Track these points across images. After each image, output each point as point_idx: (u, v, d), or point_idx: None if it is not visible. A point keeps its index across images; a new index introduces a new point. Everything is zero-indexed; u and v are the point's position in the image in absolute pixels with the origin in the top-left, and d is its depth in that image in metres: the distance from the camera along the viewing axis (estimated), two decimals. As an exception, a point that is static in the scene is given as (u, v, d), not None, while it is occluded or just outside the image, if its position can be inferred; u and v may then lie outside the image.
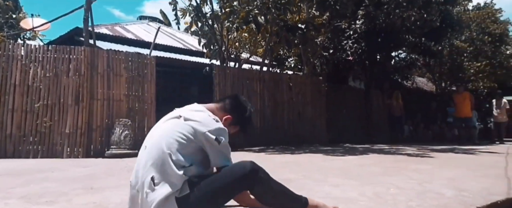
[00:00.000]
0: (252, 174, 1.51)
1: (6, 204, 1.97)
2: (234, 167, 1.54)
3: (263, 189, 1.55)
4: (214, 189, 1.46)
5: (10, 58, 5.31)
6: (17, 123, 5.21)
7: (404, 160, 4.52)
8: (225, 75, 7.47)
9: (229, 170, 1.52)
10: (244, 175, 1.50)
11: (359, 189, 2.37)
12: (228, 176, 1.50)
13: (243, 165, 1.54)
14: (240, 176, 1.50)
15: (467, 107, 9.86)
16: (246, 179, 1.51)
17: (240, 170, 1.51)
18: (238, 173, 1.50)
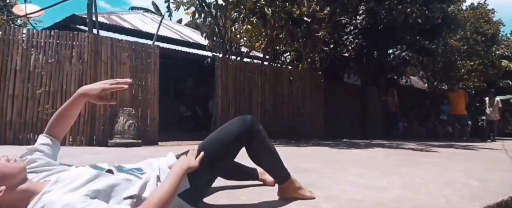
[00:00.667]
0: (252, 126, 1.49)
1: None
2: (232, 124, 1.50)
3: (260, 144, 1.53)
4: (216, 150, 1.42)
5: (11, 42, 5.15)
6: (18, 109, 5.07)
7: (411, 154, 4.57)
8: (227, 67, 7.42)
9: (228, 126, 1.49)
10: (245, 128, 1.47)
11: (385, 179, 2.38)
12: (229, 132, 1.46)
13: (243, 118, 1.51)
14: (242, 129, 1.46)
15: (462, 105, 10.07)
16: (247, 132, 1.47)
17: (241, 123, 1.48)
18: (239, 127, 1.47)
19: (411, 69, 14.65)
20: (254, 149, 1.53)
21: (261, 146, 1.54)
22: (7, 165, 1.15)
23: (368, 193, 1.89)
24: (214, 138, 1.47)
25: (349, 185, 2.10)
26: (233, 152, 1.48)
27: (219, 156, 1.43)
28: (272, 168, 1.62)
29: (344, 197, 1.77)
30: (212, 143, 1.45)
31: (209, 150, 1.41)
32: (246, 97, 7.79)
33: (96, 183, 1.19)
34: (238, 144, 1.48)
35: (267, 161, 1.59)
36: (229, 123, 1.52)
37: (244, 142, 1.49)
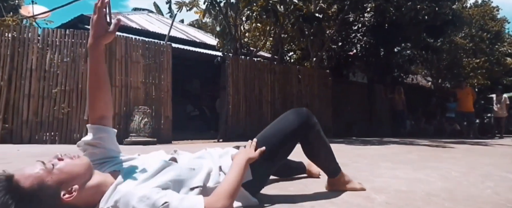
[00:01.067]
0: (310, 118, 1.48)
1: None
2: (289, 116, 1.48)
3: (316, 137, 1.51)
4: (274, 143, 1.41)
5: (26, 42, 5.15)
6: (34, 109, 5.07)
7: (429, 149, 4.57)
8: (238, 65, 7.42)
9: (284, 119, 1.47)
10: (303, 120, 1.45)
11: (420, 172, 2.37)
12: (286, 125, 1.45)
13: (299, 111, 1.50)
14: (300, 122, 1.44)
15: (469, 102, 10.08)
16: (305, 124, 1.45)
17: (298, 115, 1.47)
18: (296, 119, 1.45)
19: (416, 67, 14.64)
20: (310, 142, 1.52)
21: (318, 139, 1.53)
22: (74, 163, 1.13)
23: (413, 185, 1.88)
24: (271, 131, 1.47)
25: (389, 178, 2.10)
26: (290, 145, 1.47)
27: (277, 149, 1.42)
28: (326, 161, 1.61)
29: (390, 188, 1.77)
30: (269, 136, 1.44)
31: (267, 143, 1.41)
32: (256, 96, 7.79)
33: (165, 174, 1.19)
34: (296, 137, 1.46)
35: (322, 154, 1.58)
36: (285, 116, 1.51)
37: (301, 135, 1.48)
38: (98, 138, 1.28)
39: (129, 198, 1.06)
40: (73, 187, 1.08)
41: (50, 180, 1.05)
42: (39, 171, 1.05)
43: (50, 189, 1.04)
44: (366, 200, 1.48)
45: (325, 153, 1.58)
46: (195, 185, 1.22)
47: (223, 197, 1.15)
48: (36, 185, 1.02)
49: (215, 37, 7.61)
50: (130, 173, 1.18)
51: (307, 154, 1.57)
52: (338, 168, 1.64)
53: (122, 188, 1.11)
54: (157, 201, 1.05)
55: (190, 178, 1.23)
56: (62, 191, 1.06)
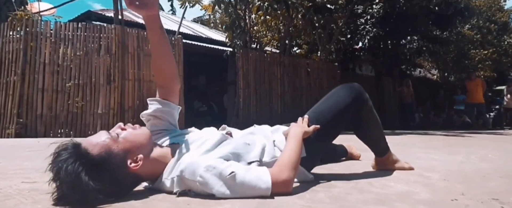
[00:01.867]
0: (362, 93, 1.43)
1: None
2: (341, 90, 1.43)
3: (369, 113, 1.46)
4: (328, 118, 1.36)
5: (39, 36, 5.11)
6: (48, 103, 5.03)
7: (449, 138, 4.52)
8: (248, 58, 7.35)
9: (337, 94, 1.43)
10: (356, 95, 1.40)
11: (458, 155, 2.33)
12: (339, 99, 1.40)
13: (351, 86, 1.45)
14: (353, 96, 1.40)
15: (479, 94, 10.00)
16: (357, 100, 1.40)
17: (351, 90, 1.42)
18: (350, 94, 1.40)
19: (423, 59, 14.52)
20: (363, 118, 1.46)
21: (370, 114, 1.48)
22: (136, 132, 1.13)
23: (458, 165, 1.84)
24: (323, 107, 1.42)
25: (431, 160, 2.05)
26: (343, 121, 1.42)
27: (330, 126, 1.38)
28: (377, 139, 1.55)
29: (439, 168, 1.72)
30: (322, 112, 1.40)
31: (320, 120, 1.36)
32: (266, 89, 7.73)
33: (224, 146, 1.17)
34: (349, 113, 1.40)
35: (374, 132, 1.52)
36: (336, 91, 1.46)
37: (354, 110, 1.41)
38: (160, 111, 1.32)
39: (195, 167, 1.05)
40: (138, 156, 1.08)
41: (116, 148, 1.05)
42: (105, 139, 1.05)
43: (117, 157, 1.04)
44: (421, 177, 1.44)
45: (376, 130, 1.52)
46: (252, 159, 1.19)
47: (286, 169, 1.11)
48: (104, 152, 1.02)
49: (224, 31, 7.54)
50: (191, 145, 1.17)
51: (358, 131, 1.52)
52: (387, 146, 1.59)
53: (185, 158, 1.10)
54: (224, 170, 1.04)
55: (246, 152, 1.21)
56: (128, 160, 1.06)
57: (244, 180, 1.04)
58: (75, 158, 0.97)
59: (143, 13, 1.19)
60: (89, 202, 0.95)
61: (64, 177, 0.94)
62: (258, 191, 1.04)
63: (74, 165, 0.95)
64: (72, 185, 0.94)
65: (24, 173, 1.52)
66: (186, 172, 1.05)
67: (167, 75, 1.33)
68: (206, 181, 1.03)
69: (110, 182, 1.00)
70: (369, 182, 1.32)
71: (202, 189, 1.05)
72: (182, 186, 1.08)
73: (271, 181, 1.05)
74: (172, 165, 1.12)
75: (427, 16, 8.81)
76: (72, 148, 1.00)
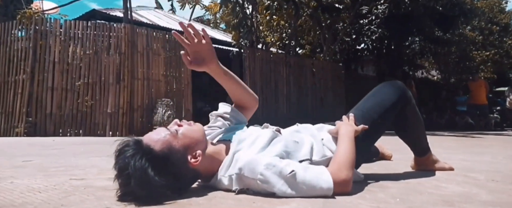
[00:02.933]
0: (406, 91, 1.42)
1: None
2: (385, 88, 1.43)
3: (413, 111, 1.44)
4: (375, 117, 1.35)
5: (49, 34, 5.07)
6: (57, 102, 5.00)
7: (462, 139, 4.53)
8: (255, 58, 7.34)
9: (381, 92, 1.42)
10: (401, 92, 1.39)
11: (483, 156, 2.32)
12: (385, 97, 1.39)
13: (394, 83, 1.44)
14: (399, 94, 1.38)
15: (483, 95, 10.01)
16: (402, 97, 1.39)
17: (396, 87, 1.41)
18: (395, 91, 1.39)
19: (425, 60, 14.55)
20: (408, 117, 1.44)
21: (415, 113, 1.46)
22: (192, 128, 1.12)
23: (493, 166, 1.83)
24: (368, 105, 1.40)
25: (461, 161, 2.04)
26: (389, 120, 1.39)
27: (377, 124, 1.36)
28: (420, 138, 1.53)
29: (478, 168, 1.71)
30: (368, 110, 1.38)
31: (367, 118, 1.35)
32: (272, 89, 7.72)
33: (277, 144, 1.16)
34: (394, 111, 1.38)
35: (417, 130, 1.50)
36: (380, 89, 1.44)
37: (399, 108, 1.39)
38: (231, 116, 1.35)
39: (254, 165, 1.04)
40: (197, 152, 1.07)
41: (177, 144, 1.04)
42: (166, 135, 1.04)
43: (179, 153, 1.04)
44: (468, 178, 1.43)
45: (419, 129, 1.51)
46: (303, 157, 1.18)
47: (345, 168, 1.10)
48: (166, 148, 1.01)
49: (231, 30, 7.52)
50: (242, 142, 1.16)
51: (402, 130, 1.50)
52: (428, 146, 1.58)
53: (242, 155, 1.08)
54: (284, 168, 1.02)
55: (296, 150, 1.19)
56: (188, 156, 1.06)
57: (304, 179, 1.02)
58: (141, 154, 0.96)
59: (205, 69, 1.24)
60: (156, 197, 0.95)
61: (133, 173, 0.93)
62: (319, 190, 1.03)
63: (141, 161, 0.95)
64: (141, 180, 0.93)
65: (65, 170, 1.49)
66: (245, 170, 1.04)
67: (246, 103, 1.40)
68: (267, 179, 1.02)
69: (174, 178, 1.00)
70: (419, 183, 1.30)
71: (262, 188, 1.03)
72: (241, 184, 1.06)
73: (332, 180, 1.04)
74: (228, 162, 1.10)
75: (432, 16, 8.83)
76: (135, 145, 0.99)
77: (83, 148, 2.80)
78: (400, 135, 1.52)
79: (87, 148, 2.75)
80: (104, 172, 1.46)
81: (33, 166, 1.63)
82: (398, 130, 1.50)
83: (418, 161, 1.61)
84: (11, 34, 5.20)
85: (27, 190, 1.09)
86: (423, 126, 1.53)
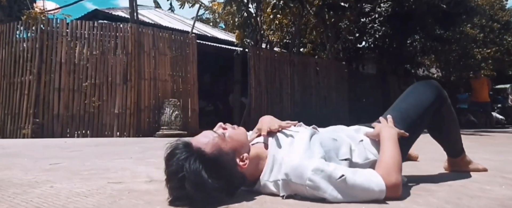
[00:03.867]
0: (442, 90, 1.41)
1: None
2: (421, 88, 1.43)
3: (449, 111, 1.44)
4: (414, 117, 1.35)
5: (55, 35, 5.03)
6: (65, 102, 4.96)
7: (472, 137, 4.53)
8: (259, 57, 7.31)
9: (417, 92, 1.42)
10: (438, 92, 1.39)
11: (506, 155, 2.32)
12: (422, 97, 1.38)
13: (430, 83, 1.45)
14: (436, 94, 1.38)
15: (485, 92, 10.05)
16: (439, 96, 1.39)
17: (432, 87, 1.41)
18: (431, 91, 1.39)
19: (427, 58, 14.57)
20: (444, 117, 1.43)
21: (450, 113, 1.45)
22: (238, 132, 1.10)
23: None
24: (406, 106, 1.39)
25: (485, 160, 2.03)
26: (427, 119, 1.39)
27: (416, 124, 1.35)
28: (456, 139, 1.52)
29: (509, 169, 1.71)
30: (406, 110, 1.37)
31: (405, 118, 1.34)
32: (277, 88, 7.70)
33: (316, 143, 1.13)
34: (432, 110, 1.37)
35: (453, 131, 1.49)
36: (415, 89, 1.43)
37: (436, 107, 1.38)
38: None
39: (302, 171, 1.02)
40: (244, 155, 1.07)
41: (225, 147, 1.04)
42: (214, 138, 1.04)
43: (228, 155, 1.03)
44: (506, 179, 1.42)
45: (455, 130, 1.50)
46: (342, 157, 1.17)
47: (394, 171, 1.08)
48: (216, 151, 1.01)
49: (235, 29, 7.49)
50: (282, 143, 1.14)
51: (437, 130, 1.49)
52: (462, 147, 1.56)
53: (286, 159, 1.06)
54: (333, 173, 1.00)
55: (335, 148, 1.18)
56: (237, 159, 1.05)
57: (355, 183, 1.01)
58: (195, 157, 0.95)
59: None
60: (211, 201, 0.94)
61: (188, 176, 0.92)
62: (372, 193, 1.01)
63: (195, 163, 0.94)
64: (196, 183, 0.92)
65: (98, 173, 1.47)
66: (292, 176, 1.02)
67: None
68: (317, 185, 1.00)
69: (226, 181, 0.98)
70: (462, 185, 1.29)
71: (311, 193, 1.01)
72: (288, 190, 1.04)
73: (384, 183, 1.02)
74: (270, 166, 1.09)
75: (435, 14, 8.82)
76: (186, 147, 0.98)
77: (100, 149, 2.77)
78: (435, 135, 1.51)
79: (104, 150, 2.73)
80: (138, 175, 1.44)
81: (64, 169, 1.61)
82: (433, 131, 1.49)
83: (452, 162, 1.59)
84: (16, 35, 5.15)
85: (72, 195, 1.07)
86: (458, 126, 1.52)
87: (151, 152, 2.52)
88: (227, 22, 8.73)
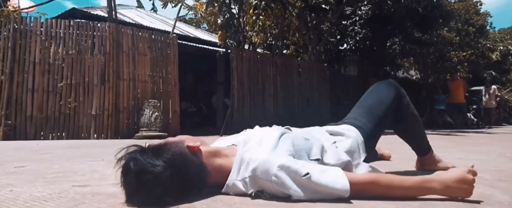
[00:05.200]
0: (400, 88, 1.46)
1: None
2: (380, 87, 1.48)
3: (408, 108, 1.48)
4: (379, 114, 1.39)
5: (28, 33, 4.86)
6: (38, 103, 4.80)
7: (446, 138, 4.64)
8: (242, 58, 7.29)
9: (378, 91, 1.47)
10: (396, 89, 1.44)
11: (478, 155, 2.37)
12: (383, 95, 1.43)
13: (388, 81, 1.50)
14: (395, 90, 1.43)
15: (461, 94, 10.38)
16: (399, 94, 1.43)
17: (390, 84, 1.46)
18: (391, 89, 1.44)
19: (406, 61, 14.91)
20: (404, 114, 1.46)
21: (411, 110, 1.49)
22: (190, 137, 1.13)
23: (491, 164, 1.87)
24: (369, 103, 1.43)
25: (458, 159, 2.07)
26: (390, 115, 1.42)
27: (381, 119, 1.39)
28: (419, 136, 1.56)
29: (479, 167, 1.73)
30: (370, 107, 1.41)
31: (370, 115, 1.38)
32: (260, 90, 7.70)
33: (286, 140, 1.12)
34: (393, 106, 1.41)
35: (416, 127, 1.53)
36: (375, 88, 1.48)
37: (396, 104, 1.42)
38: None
39: (268, 166, 1.00)
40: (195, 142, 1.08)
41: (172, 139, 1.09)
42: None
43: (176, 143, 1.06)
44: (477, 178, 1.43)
45: (418, 127, 1.54)
46: (314, 157, 1.15)
47: (373, 183, 1.03)
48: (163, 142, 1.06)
49: (217, 30, 7.45)
50: (250, 142, 1.13)
51: (400, 128, 1.53)
52: (429, 145, 1.60)
53: (254, 156, 1.04)
54: (299, 170, 0.99)
55: (307, 148, 1.16)
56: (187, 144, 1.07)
57: (320, 182, 0.99)
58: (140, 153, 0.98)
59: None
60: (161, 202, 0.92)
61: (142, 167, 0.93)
62: (335, 194, 0.99)
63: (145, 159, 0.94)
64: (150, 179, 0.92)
65: (65, 176, 1.41)
66: (258, 171, 1.01)
67: None
68: (282, 181, 0.98)
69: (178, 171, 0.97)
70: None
71: (277, 189, 1.00)
72: (255, 187, 1.03)
73: (349, 184, 1.00)
74: (238, 166, 1.07)
75: (413, 17, 9.03)
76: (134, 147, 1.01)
77: (73, 151, 2.68)
78: (399, 133, 1.55)
79: (77, 152, 2.64)
80: (106, 177, 1.39)
81: (29, 172, 1.54)
82: (397, 128, 1.53)
83: (421, 161, 1.63)
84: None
85: (31, 199, 1.02)
86: (421, 123, 1.56)
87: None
88: (210, 23, 8.64)
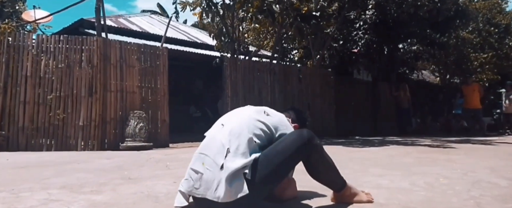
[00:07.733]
0: (310, 140, 1.48)
1: (50, 194, 1.85)
2: (290, 137, 1.50)
3: (319, 158, 1.53)
4: (276, 163, 1.42)
5: (21, 48, 5.16)
6: (30, 115, 5.09)
7: (429, 151, 4.45)
8: (236, 67, 7.34)
9: (286, 140, 1.49)
10: (303, 142, 1.46)
11: (407, 179, 2.28)
12: (287, 146, 1.46)
13: (299, 133, 1.52)
14: (300, 144, 1.46)
15: (476, 99, 9.83)
16: (305, 146, 1.47)
17: (299, 137, 1.48)
18: (297, 141, 1.47)
19: (423, 63, 14.34)
20: (313, 164, 1.53)
21: (320, 160, 1.53)
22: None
23: (392, 196, 1.80)
24: (273, 152, 1.45)
25: (371, 188, 2.01)
26: (289, 166, 1.51)
27: (276, 170, 1.43)
28: (331, 180, 1.60)
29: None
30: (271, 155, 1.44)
31: (268, 164, 1.41)
32: (256, 97, 7.70)
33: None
34: (296, 158, 1.49)
35: (326, 174, 1.57)
36: (287, 136, 1.51)
37: (303, 156, 1.49)
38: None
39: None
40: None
41: None
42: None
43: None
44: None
45: (328, 172, 1.57)
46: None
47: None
48: None
49: (213, 39, 7.55)
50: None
51: (311, 174, 1.58)
52: (343, 183, 1.61)
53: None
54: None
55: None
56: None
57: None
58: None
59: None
60: None
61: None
62: None
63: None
64: None
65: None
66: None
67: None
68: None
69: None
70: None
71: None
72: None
73: None
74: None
75: (420, 22, 8.70)
76: None
77: (16, 172, 2.83)
78: (312, 177, 1.59)
79: (18, 173, 2.78)
80: None
81: None
82: (310, 174, 1.58)
83: (336, 196, 1.64)
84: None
85: None
86: (333, 168, 1.58)
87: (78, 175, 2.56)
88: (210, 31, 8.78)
